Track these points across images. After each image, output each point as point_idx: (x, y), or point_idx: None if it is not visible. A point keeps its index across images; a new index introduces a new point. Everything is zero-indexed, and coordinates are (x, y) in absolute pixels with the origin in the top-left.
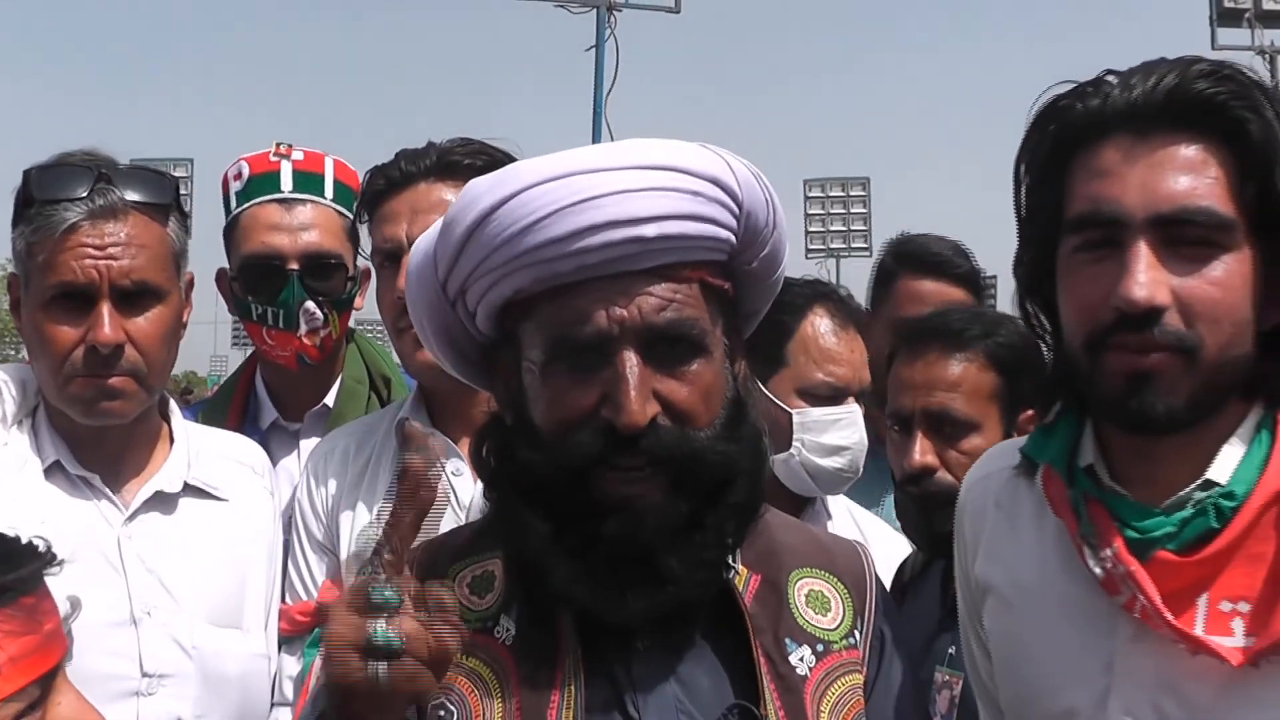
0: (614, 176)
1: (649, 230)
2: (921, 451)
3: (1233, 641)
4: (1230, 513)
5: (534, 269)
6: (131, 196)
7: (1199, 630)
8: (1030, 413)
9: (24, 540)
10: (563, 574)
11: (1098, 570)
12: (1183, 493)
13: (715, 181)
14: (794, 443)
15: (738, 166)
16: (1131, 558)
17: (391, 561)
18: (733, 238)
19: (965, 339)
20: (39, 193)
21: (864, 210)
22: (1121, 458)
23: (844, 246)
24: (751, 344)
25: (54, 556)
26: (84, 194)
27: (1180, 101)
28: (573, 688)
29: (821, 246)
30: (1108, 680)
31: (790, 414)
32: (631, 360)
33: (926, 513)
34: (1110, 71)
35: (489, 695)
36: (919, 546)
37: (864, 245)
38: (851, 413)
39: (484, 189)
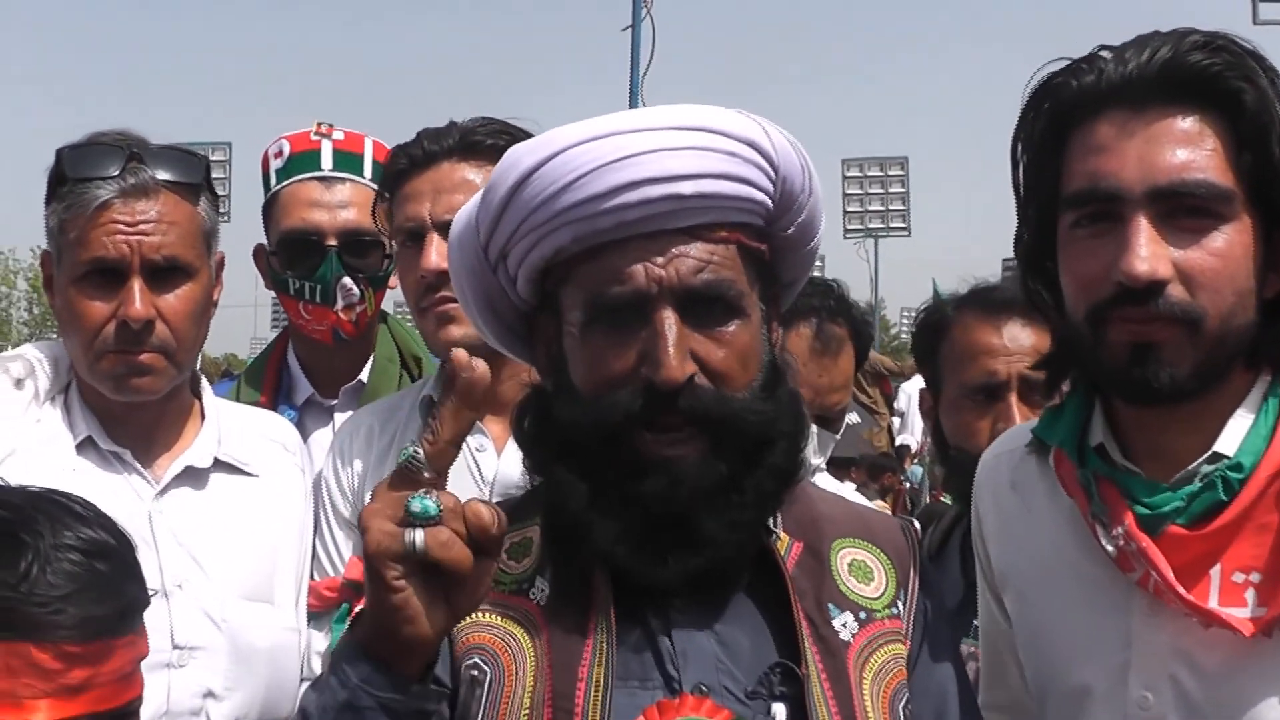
0: (652, 136)
1: (686, 188)
2: (1024, 418)
3: (1245, 612)
4: (1238, 485)
5: (574, 227)
6: (162, 175)
7: (1213, 602)
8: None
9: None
10: (602, 534)
11: (1110, 548)
12: (1190, 467)
13: (751, 144)
14: None
15: (773, 131)
16: (1142, 534)
17: (431, 479)
18: (769, 201)
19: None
20: (72, 171)
21: (902, 190)
22: (1131, 434)
23: (882, 226)
24: None
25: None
26: (116, 172)
27: (1175, 74)
28: (604, 644)
29: (860, 226)
30: (1126, 655)
31: None
32: (669, 318)
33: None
34: (1104, 47)
35: (521, 653)
36: None
37: (902, 225)
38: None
39: (524, 151)
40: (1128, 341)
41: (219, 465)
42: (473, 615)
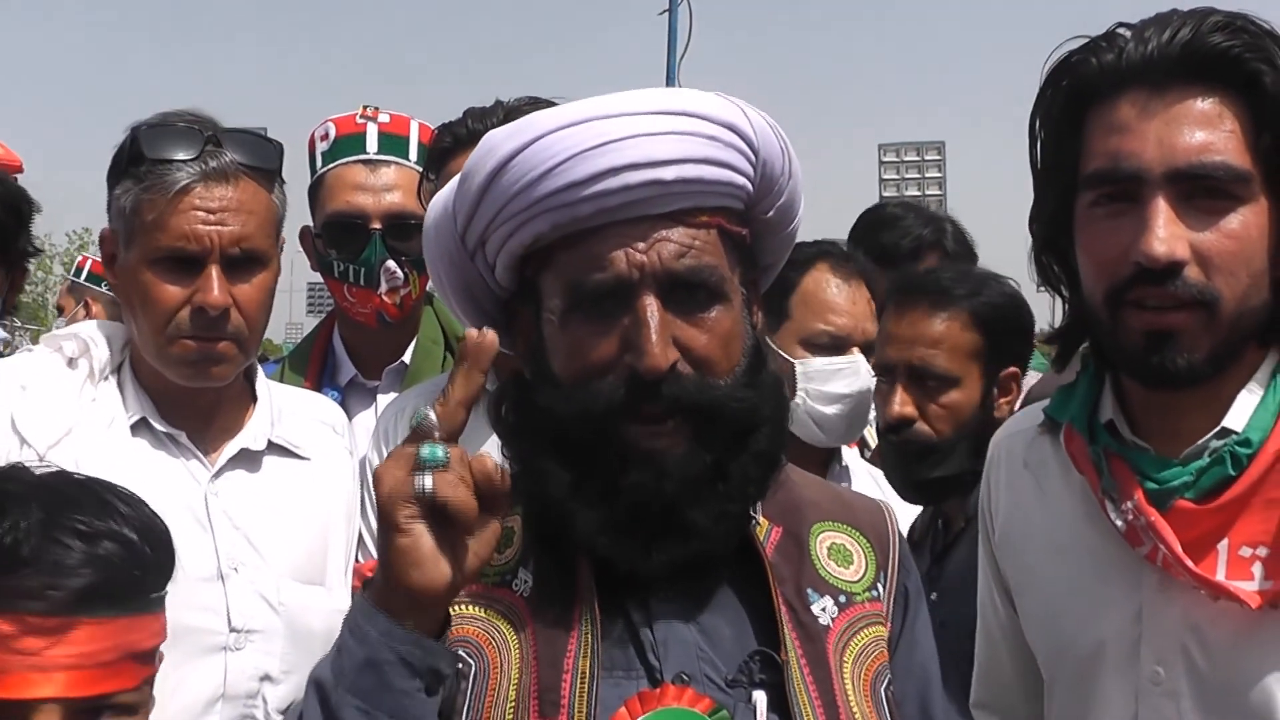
0: (632, 121)
1: (668, 173)
2: (901, 403)
3: (1253, 585)
4: (1246, 460)
5: (553, 214)
6: (241, 160)
7: (1220, 576)
8: (1013, 370)
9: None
10: (585, 523)
11: (1119, 523)
12: (1200, 442)
13: (731, 128)
14: (799, 392)
15: (753, 115)
16: (1151, 508)
17: (442, 438)
18: (749, 185)
19: (951, 297)
20: (150, 151)
21: (939, 175)
22: (1141, 411)
23: None
24: None
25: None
26: (195, 155)
27: (1195, 55)
28: (589, 636)
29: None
30: (1138, 630)
31: (793, 364)
32: (652, 305)
33: (904, 461)
34: (1122, 24)
35: (506, 645)
36: (900, 492)
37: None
38: (854, 362)
39: (502, 137)
40: (1144, 329)
41: (272, 448)
42: (457, 608)
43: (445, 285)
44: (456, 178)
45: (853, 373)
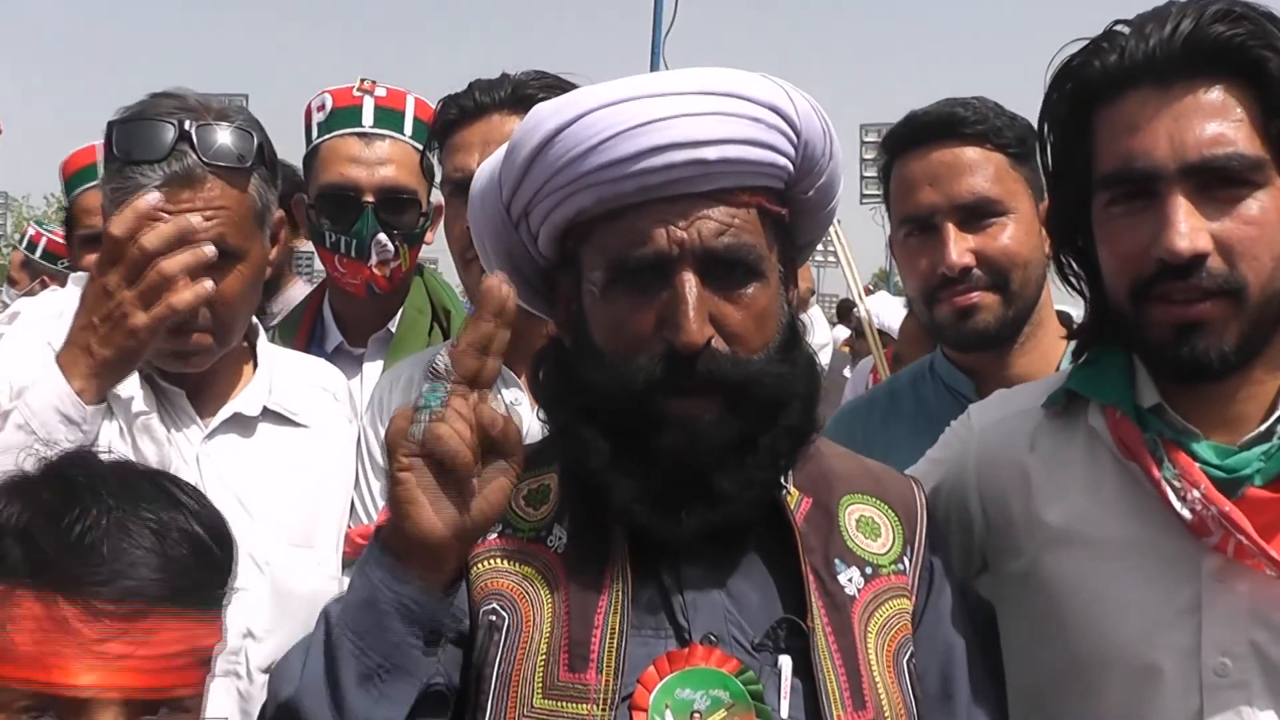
0: (677, 101)
1: (710, 153)
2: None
3: None
4: None
5: (597, 189)
6: (210, 159)
7: None
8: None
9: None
10: (621, 492)
11: (1186, 513)
12: (1262, 428)
13: (775, 109)
14: None
15: (797, 97)
16: (1222, 497)
17: (456, 381)
18: (790, 165)
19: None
20: (119, 150)
21: None
22: (1184, 399)
23: None
24: None
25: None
26: (162, 155)
27: (1198, 47)
28: (620, 592)
29: (876, 192)
30: (1197, 619)
31: None
32: (690, 281)
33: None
34: (1120, 22)
35: (539, 599)
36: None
37: None
38: (816, 315)
39: (549, 112)
40: (1172, 323)
41: (267, 414)
42: (491, 562)
43: (489, 253)
44: (501, 149)
45: (821, 324)
